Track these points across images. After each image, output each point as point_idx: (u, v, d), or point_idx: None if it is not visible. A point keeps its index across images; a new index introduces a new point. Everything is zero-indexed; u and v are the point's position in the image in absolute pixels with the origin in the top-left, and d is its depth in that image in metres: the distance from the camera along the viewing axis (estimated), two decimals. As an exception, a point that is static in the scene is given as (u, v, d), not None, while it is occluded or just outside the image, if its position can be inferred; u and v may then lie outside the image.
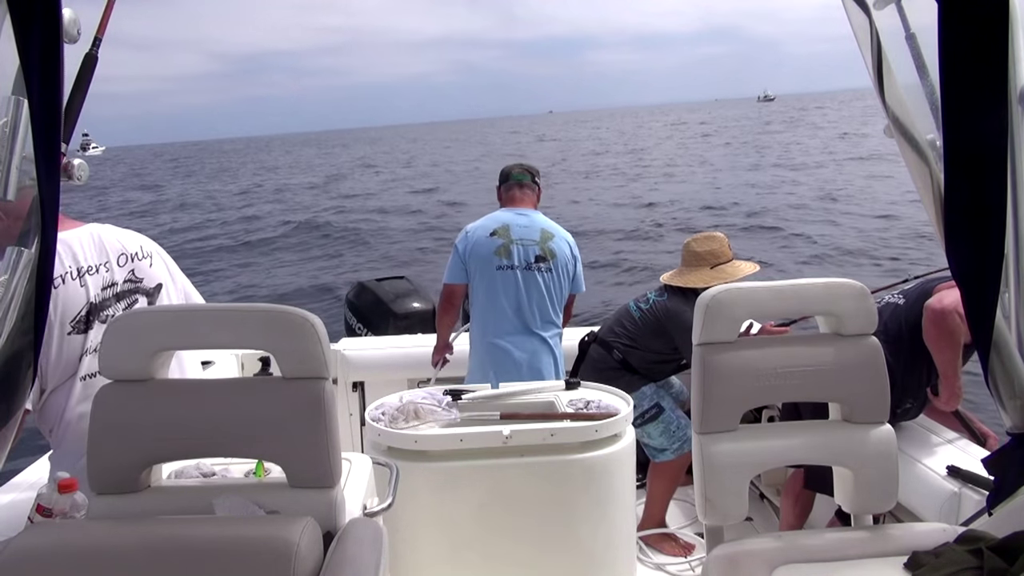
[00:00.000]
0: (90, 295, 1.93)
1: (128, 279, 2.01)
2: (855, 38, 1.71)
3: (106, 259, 1.98)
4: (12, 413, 1.49)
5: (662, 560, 2.91)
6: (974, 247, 1.57)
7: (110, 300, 1.97)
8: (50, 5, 1.35)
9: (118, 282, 1.99)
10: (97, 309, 1.94)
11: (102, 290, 1.95)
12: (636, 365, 3.08)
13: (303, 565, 1.26)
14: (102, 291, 1.95)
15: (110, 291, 1.97)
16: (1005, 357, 1.64)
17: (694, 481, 1.85)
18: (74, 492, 1.70)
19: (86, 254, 1.94)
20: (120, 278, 1.99)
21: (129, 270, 2.02)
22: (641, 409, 3.02)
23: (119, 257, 2.00)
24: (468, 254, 3.11)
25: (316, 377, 1.46)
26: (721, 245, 3.10)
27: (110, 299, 1.97)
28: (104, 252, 1.98)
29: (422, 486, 2.17)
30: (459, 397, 2.40)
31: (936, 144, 1.65)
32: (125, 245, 2.03)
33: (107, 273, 1.97)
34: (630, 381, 2.99)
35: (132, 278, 2.01)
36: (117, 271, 1.99)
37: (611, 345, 3.14)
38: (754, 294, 1.85)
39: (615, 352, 3.12)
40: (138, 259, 2.04)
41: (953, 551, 1.57)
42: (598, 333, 3.24)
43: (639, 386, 3.04)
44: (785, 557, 1.67)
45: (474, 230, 3.13)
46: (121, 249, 2.02)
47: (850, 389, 1.84)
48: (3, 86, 1.38)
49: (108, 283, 1.97)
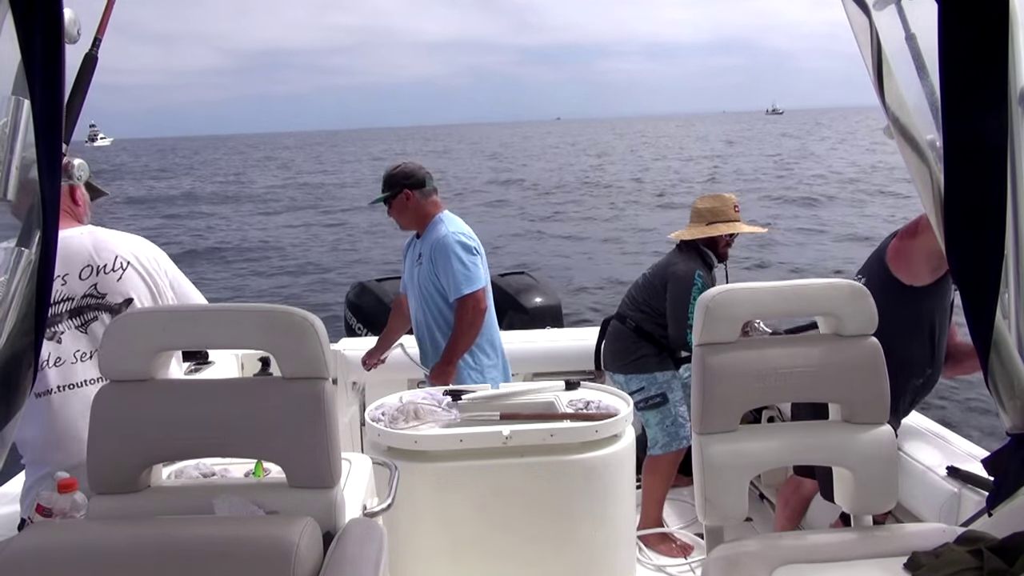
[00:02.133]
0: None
1: (88, 294, 1.90)
2: (855, 38, 1.71)
3: (64, 272, 1.86)
4: (12, 413, 1.49)
5: (662, 561, 2.91)
6: (974, 247, 1.57)
7: (61, 316, 1.87)
8: (51, 5, 1.35)
9: (75, 296, 1.88)
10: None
11: (52, 304, 1.82)
12: (651, 331, 3.12)
13: (303, 565, 1.26)
14: (52, 305, 1.82)
15: (63, 305, 1.87)
16: (1005, 357, 1.64)
17: (694, 481, 1.85)
18: (74, 492, 1.70)
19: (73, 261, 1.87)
20: (79, 292, 1.89)
21: (91, 284, 1.90)
22: (647, 394, 3.09)
23: (82, 269, 1.89)
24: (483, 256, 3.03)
25: (316, 377, 1.46)
26: (724, 204, 3.14)
27: (61, 315, 1.87)
28: (63, 264, 1.84)
29: (422, 486, 2.17)
30: (459, 397, 2.41)
31: (936, 144, 1.65)
32: (98, 255, 1.92)
33: (62, 286, 1.87)
34: (647, 357, 3.11)
35: (93, 293, 1.90)
36: (76, 284, 1.88)
37: (625, 316, 3.21)
38: (754, 294, 1.85)
39: (628, 321, 3.18)
40: (105, 272, 1.91)
41: (953, 551, 1.57)
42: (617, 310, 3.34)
43: (655, 368, 3.11)
44: (785, 557, 1.66)
45: (471, 234, 3.04)
46: (88, 260, 1.90)
47: (850, 389, 1.84)
48: (4, 86, 1.38)
49: (61, 297, 1.87)
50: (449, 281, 2.88)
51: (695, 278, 2.98)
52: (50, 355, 1.84)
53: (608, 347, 3.28)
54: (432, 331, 3.01)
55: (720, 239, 3.11)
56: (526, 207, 23.30)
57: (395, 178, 2.97)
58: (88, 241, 1.93)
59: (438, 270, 2.90)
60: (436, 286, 2.93)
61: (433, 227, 2.97)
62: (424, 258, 2.97)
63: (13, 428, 1.50)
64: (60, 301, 1.86)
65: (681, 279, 3.01)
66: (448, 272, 2.87)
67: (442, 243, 2.89)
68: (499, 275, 4.68)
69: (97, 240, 1.95)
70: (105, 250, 1.94)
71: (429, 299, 2.98)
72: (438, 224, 2.96)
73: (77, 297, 1.89)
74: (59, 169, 1.47)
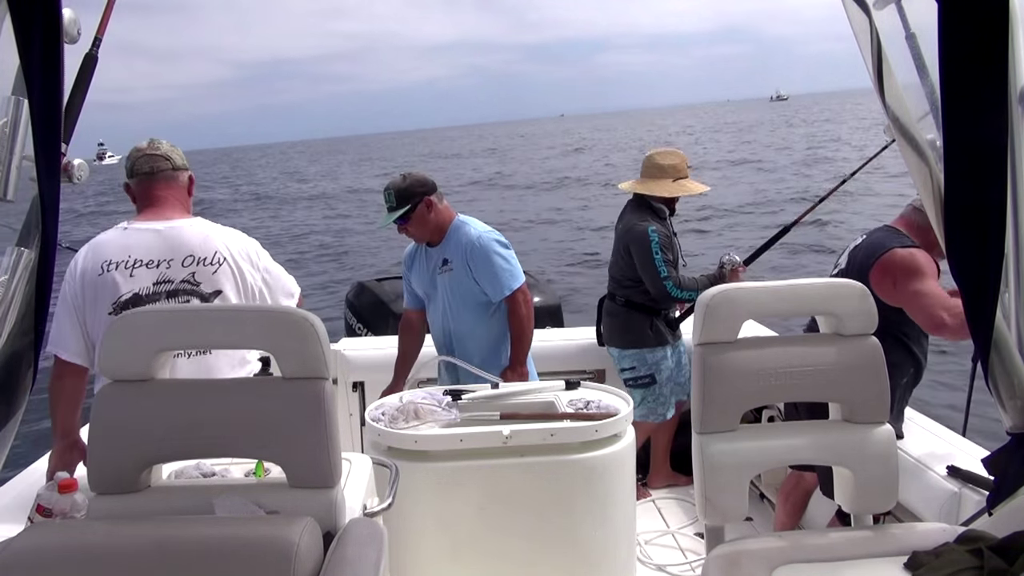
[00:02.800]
0: (138, 286, 2.10)
1: (186, 279, 2.15)
2: (855, 38, 1.71)
3: (170, 257, 2.14)
4: (12, 413, 1.49)
5: (662, 560, 2.91)
6: (974, 247, 1.57)
7: (160, 295, 2.13)
8: (50, 5, 1.35)
9: (174, 280, 2.14)
10: (142, 299, 2.10)
11: (154, 284, 2.12)
12: (640, 302, 3.31)
13: (303, 565, 1.26)
14: (154, 285, 2.12)
15: (163, 287, 2.13)
16: (1005, 357, 1.64)
17: (694, 481, 1.85)
18: (74, 492, 1.70)
19: (148, 250, 2.13)
20: (178, 277, 2.14)
21: (190, 272, 2.15)
22: (636, 374, 3.33)
23: (186, 258, 2.15)
24: None
25: (316, 377, 1.46)
26: (682, 160, 3.33)
27: (160, 294, 2.13)
28: (171, 251, 2.14)
29: (422, 486, 2.17)
30: (459, 397, 2.40)
31: (936, 144, 1.65)
32: (201, 249, 2.17)
33: (167, 270, 2.14)
34: (643, 331, 3.30)
35: (191, 280, 2.15)
36: (178, 270, 2.14)
37: (614, 294, 3.41)
38: (754, 294, 1.85)
39: (618, 298, 3.38)
40: (204, 264, 2.16)
41: (953, 551, 1.57)
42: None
43: (651, 344, 3.30)
44: (785, 557, 1.67)
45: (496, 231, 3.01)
46: (192, 251, 2.16)
47: (850, 389, 1.84)
48: (3, 86, 1.38)
49: (163, 279, 2.13)
50: (495, 280, 2.82)
51: (649, 234, 3.19)
52: None
53: (606, 325, 3.47)
54: (466, 338, 2.91)
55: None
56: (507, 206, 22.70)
57: (410, 189, 2.82)
58: (196, 233, 2.20)
59: (478, 273, 2.82)
60: (474, 290, 2.85)
61: (456, 231, 2.88)
62: (455, 263, 2.86)
63: (13, 428, 1.50)
64: (161, 282, 2.14)
65: (639, 241, 3.21)
66: (491, 271, 2.82)
67: (478, 244, 2.82)
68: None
69: (204, 234, 2.21)
70: (208, 244, 2.19)
71: (464, 305, 2.88)
72: (462, 227, 2.88)
73: (176, 281, 2.15)
74: (58, 169, 1.48)
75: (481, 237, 2.85)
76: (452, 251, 2.87)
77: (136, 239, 2.14)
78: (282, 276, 2.35)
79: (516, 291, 2.84)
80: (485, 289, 2.85)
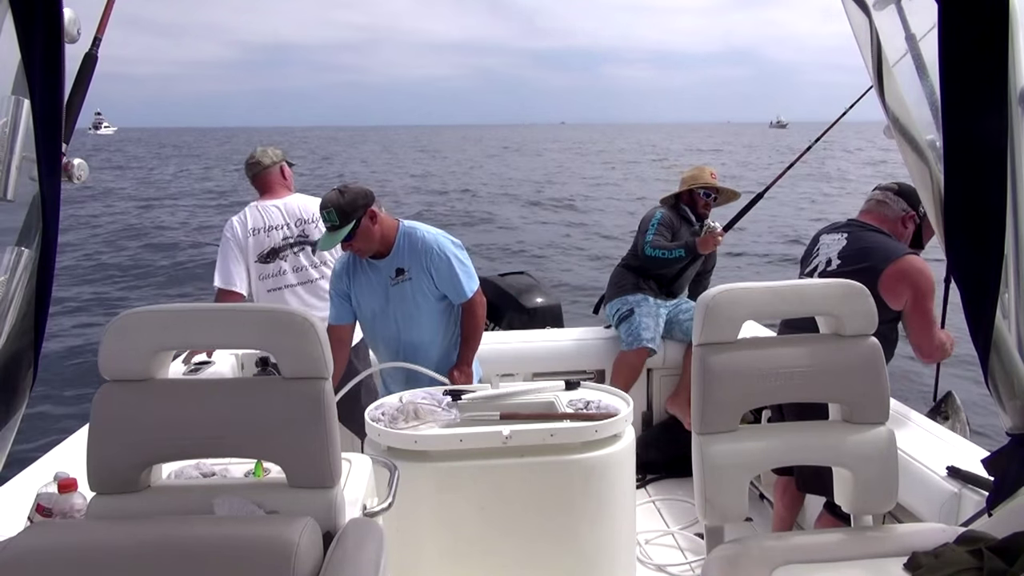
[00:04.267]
0: (274, 242, 3.35)
1: (301, 234, 3.39)
2: (855, 38, 1.71)
3: (288, 222, 3.38)
4: (12, 413, 1.49)
5: (662, 560, 2.91)
6: (974, 247, 1.57)
7: (285, 247, 3.37)
8: (51, 5, 1.36)
9: (292, 236, 3.38)
10: (277, 251, 3.35)
11: (282, 240, 3.37)
12: (636, 265, 3.74)
13: (303, 565, 1.26)
14: (282, 240, 3.37)
15: (287, 240, 3.37)
16: (1005, 357, 1.64)
17: (694, 481, 1.85)
18: (74, 492, 1.70)
19: (277, 217, 3.37)
20: (294, 234, 3.38)
21: (301, 230, 3.39)
22: (619, 310, 3.70)
23: (296, 221, 3.38)
24: None
25: (316, 377, 1.46)
26: (702, 172, 3.80)
27: (286, 246, 3.37)
28: (288, 216, 3.38)
29: (422, 486, 2.17)
30: (459, 397, 2.40)
31: (936, 144, 1.65)
32: (304, 212, 3.38)
33: (287, 230, 3.38)
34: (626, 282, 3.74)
35: (303, 233, 3.39)
36: (293, 229, 3.38)
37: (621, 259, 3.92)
38: (754, 294, 1.85)
39: (620, 261, 3.88)
40: (307, 223, 3.38)
41: (953, 551, 1.57)
42: None
43: (630, 291, 3.71)
44: (785, 557, 1.67)
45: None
46: (299, 215, 3.38)
47: (850, 389, 1.84)
48: (4, 86, 1.38)
49: (286, 236, 3.37)
50: (457, 284, 2.78)
51: (656, 212, 3.71)
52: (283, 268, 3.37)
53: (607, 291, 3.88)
54: (427, 345, 2.84)
55: (698, 199, 3.72)
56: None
57: (353, 203, 2.65)
58: (299, 203, 3.42)
59: (438, 278, 2.77)
60: (435, 296, 2.80)
61: (406, 238, 2.78)
62: (413, 271, 2.77)
63: (14, 428, 1.50)
64: (286, 238, 3.37)
65: (646, 218, 3.73)
66: (452, 275, 2.77)
67: (437, 249, 2.76)
68: (499, 275, 4.67)
69: (303, 203, 3.42)
70: (308, 209, 3.40)
71: (423, 313, 2.80)
72: (413, 233, 2.79)
73: (294, 236, 3.38)
74: (59, 169, 1.48)
75: (439, 241, 2.77)
76: (407, 259, 2.77)
77: (266, 212, 3.36)
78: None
79: (476, 293, 2.83)
80: (447, 293, 2.80)
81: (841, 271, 2.54)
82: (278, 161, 3.44)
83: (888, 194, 2.66)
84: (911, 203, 2.64)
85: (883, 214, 2.65)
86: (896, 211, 2.64)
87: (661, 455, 3.57)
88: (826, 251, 2.66)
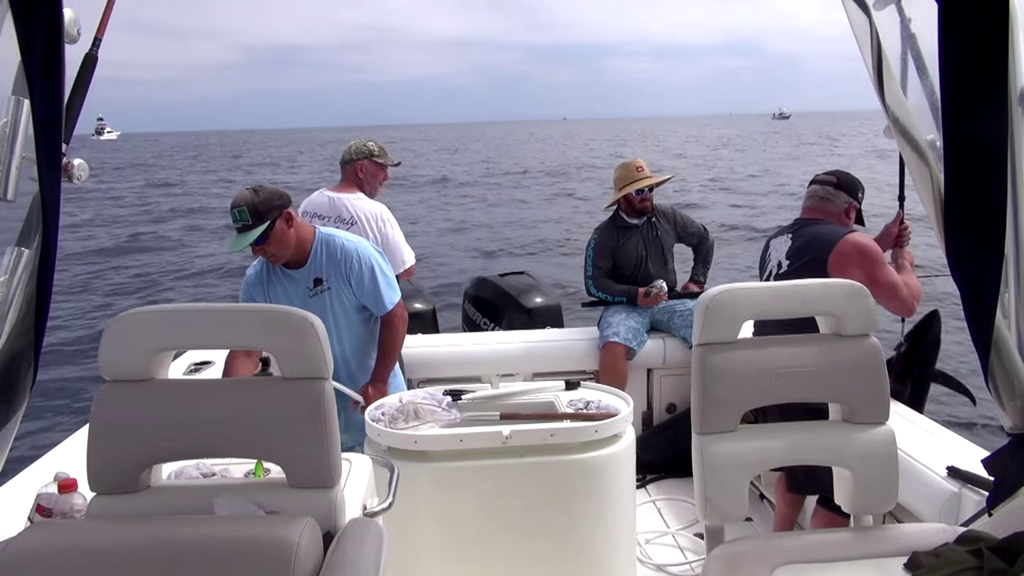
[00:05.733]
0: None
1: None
2: (855, 38, 1.71)
3: (331, 216, 3.38)
4: (12, 413, 1.49)
5: (662, 560, 2.91)
6: (974, 247, 1.57)
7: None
8: (51, 5, 1.36)
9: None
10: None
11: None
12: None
13: (303, 565, 1.26)
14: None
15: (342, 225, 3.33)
16: (1005, 357, 1.64)
17: (694, 481, 1.85)
18: (74, 492, 1.70)
19: (325, 208, 3.40)
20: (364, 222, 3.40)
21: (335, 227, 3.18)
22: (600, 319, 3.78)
23: (336, 218, 3.37)
24: None
25: (316, 377, 1.46)
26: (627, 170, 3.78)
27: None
28: (332, 211, 3.39)
29: (422, 486, 2.17)
30: (459, 397, 2.40)
31: (936, 144, 1.65)
32: (346, 212, 3.37)
33: (325, 224, 3.28)
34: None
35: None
36: (331, 225, 3.26)
37: None
38: (754, 294, 1.85)
39: None
40: (346, 223, 3.32)
41: (953, 551, 1.57)
42: None
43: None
44: (785, 557, 1.66)
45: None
46: (340, 213, 3.37)
47: (850, 389, 1.84)
48: (4, 86, 1.38)
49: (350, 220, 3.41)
50: (378, 296, 2.66)
51: (590, 243, 3.81)
52: None
53: None
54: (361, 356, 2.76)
55: (632, 197, 3.72)
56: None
57: (267, 203, 2.48)
58: (349, 202, 3.41)
59: (358, 288, 2.64)
60: (356, 306, 2.68)
61: (324, 246, 2.63)
62: (331, 281, 2.62)
63: (14, 428, 1.50)
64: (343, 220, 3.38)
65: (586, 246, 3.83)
66: (374, 286, 2.64)
67: (358, 257, 2.62)
68: (499, 275, 4.67)
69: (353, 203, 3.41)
70: (353, 209, 3.39)
71: (350, 324, 2.70)
72: (331, 241, 2.64)
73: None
74: (59, 169, 1.48)
75: (359, 249, 2.65)
76: (324, 268, 2.63)
77: (319, 201, 3.44)
78: (399, 246, 3.42)
79: (398, 305, 2.72)
80: (367, 304, 2.69)
81: (791, 271, 2.57)
82: (358, 158, 3.53)
83: (828, 189, 2.67)
84: (851, 193, 2.66)
85: (827, 209, 2.66)
86: (840, 204, 2.66)
87: (661, 455, 3.58)
88: (776, 255, 2.68)
